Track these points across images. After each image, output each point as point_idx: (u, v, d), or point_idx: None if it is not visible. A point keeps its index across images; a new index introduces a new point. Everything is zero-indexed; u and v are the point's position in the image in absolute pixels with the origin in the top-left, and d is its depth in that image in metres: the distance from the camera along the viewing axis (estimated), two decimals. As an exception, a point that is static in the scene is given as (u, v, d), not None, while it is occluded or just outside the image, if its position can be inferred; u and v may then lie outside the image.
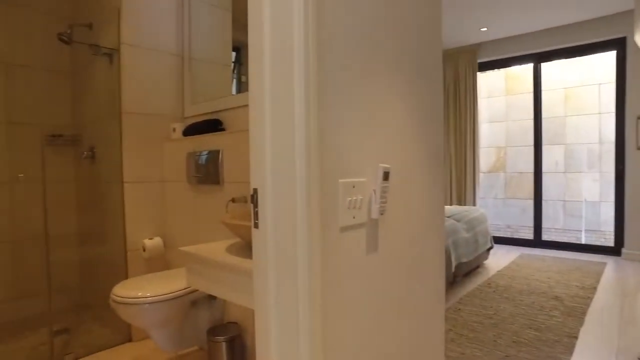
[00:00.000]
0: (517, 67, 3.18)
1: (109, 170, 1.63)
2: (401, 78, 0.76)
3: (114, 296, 1.15)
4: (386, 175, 0.69)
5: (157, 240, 1.62)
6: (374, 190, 0.69)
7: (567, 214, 2.99)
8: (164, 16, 1.63)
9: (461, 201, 3.23)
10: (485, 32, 2.95)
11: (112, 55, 1.55)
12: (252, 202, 0.62)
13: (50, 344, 1.41)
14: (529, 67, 3.10)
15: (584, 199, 2.92)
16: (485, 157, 3.35)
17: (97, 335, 1.60)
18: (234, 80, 1.61)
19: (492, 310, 1.78)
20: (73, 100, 1.92)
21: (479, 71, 3.26)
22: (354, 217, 0.65)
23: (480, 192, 3.26)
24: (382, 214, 0.69)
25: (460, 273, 2.14)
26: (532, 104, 3.09)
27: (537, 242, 3.04)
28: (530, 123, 3.09)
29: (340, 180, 0.63)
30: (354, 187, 0.65)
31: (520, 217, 3.17)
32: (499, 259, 2.67)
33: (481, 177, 3.30)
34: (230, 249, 1.00)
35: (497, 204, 3.30)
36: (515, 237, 3.18)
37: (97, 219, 1.78)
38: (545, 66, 3.03)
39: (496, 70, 3.29)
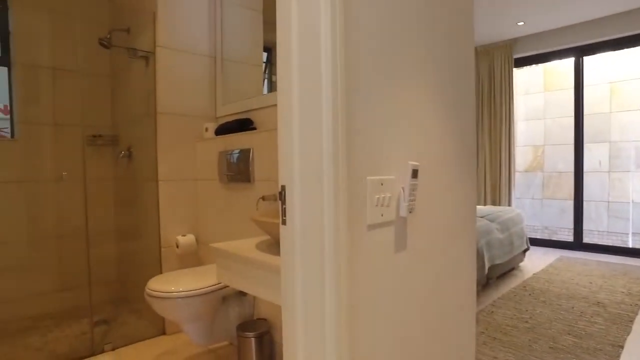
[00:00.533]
0: (557, 62, 3.05)
1: (144, 169, 1.69)
2: (431, 75, 0.75)
3: (148, 290, 1.19)
4: (415, 173, 0.68)
5: (190, 237, 1.66)
6: (403, 188, 0.67)
7: (611, 216, 2.84)
8: (197, 19, 1.67)
9: (496, 201, 3.14)
10: (522, 26, 2.84)
11: (148, 57, 1.60)
12: (280, 199, 0.62)
13: (91, 334, 1.47)
14: (570, 61, 2.96)
15: (631, 200, 2.76)
16: (522, 156, 3.24)
17: (133, 327, 1.66)
18: (265, 80, 1.62)
19: (528, 314, 1.71)
20: (112, 102, 2.00)
21: (515, 67, 3.15)
22: (382, 215, 0.64)
23: (516, 192, 3.15)
24: (410, 212, 0.68)
25: (493, 275, 2.08)
26: (572, 100, 2.95)
27: (577, 244, 2.90)
28: (570, 120, 2.95)
29: (369, 178, 0.62)
30: (382, 184, 0.64)
31: (559, 218, 3.04)
32: (536, 262, 2.57)
33: (517, 177, 3.19)
34: (259, 246, 1.02)
35: (535, 205, 3.18)
36: (553, 239, 3.05)
37: (134, 216, 1.85)
38: (588, 60, 2.89)
39: (534, 65, 3.17)
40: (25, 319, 1.75)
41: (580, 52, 2.90)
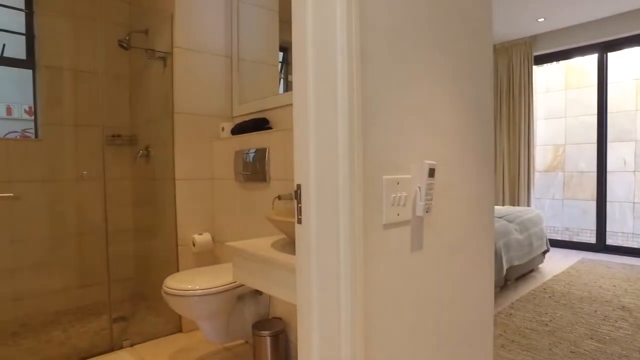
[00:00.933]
0: (579, 59, 2.97)
1: (161, 168, 1.72)
2: (448, 73, 0.73)
3: (165, 288, 1.20)
4: (432, 172, 0.67)
5: (206, 236, 1.68)
6: (419, 187, 0.66)
7: (637, 217, 2.75)
8: (214, 20, 1.69)
9: (515, 201, 3.08)
10: (542, 22, 2.78)
11: (165, 58, 1.62)
12: (296, 198, 0.62)
13: (110, 330, 1.50)
14: (593, 58, 2.88)
15: (658, 200, 2.67)
16: (542, 156, 3.16)
17: (150, 324, 1.68)
18: (281, 80, 1.63)
19: (548, 317, 1.67)
20: (131, 103, 2.04)
21: (535, 65, 3.09)
22: (398, 215, 0.63)
23: (535, 193, 3.09)
24: (427, 212, 0.67)
25: (512, 276, 2.04)
26: (595, 98, 2.87)
27: (600, 246, 2.83)
28: (592, 119, 2.87)
29: (384, 177, 0.61)
30: (398, 183, 0.63)
31: (580, 219, 2.96)
32: (556, 263, 2.51)
33: (537, 177, 3.12)
34: (275, 245, 1.02)
35: (555, 205, 3.10)
36: (574, 240, 2.98)
37: (151, 214, 1.88)
38: (612, 56, 2.81)
39: (554, 63, 3.10)
40: (48, 314, 1.79)
41: (604, 48, 2.82)
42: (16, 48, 1.83)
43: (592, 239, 2.88)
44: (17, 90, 1.86)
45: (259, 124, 1.52)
